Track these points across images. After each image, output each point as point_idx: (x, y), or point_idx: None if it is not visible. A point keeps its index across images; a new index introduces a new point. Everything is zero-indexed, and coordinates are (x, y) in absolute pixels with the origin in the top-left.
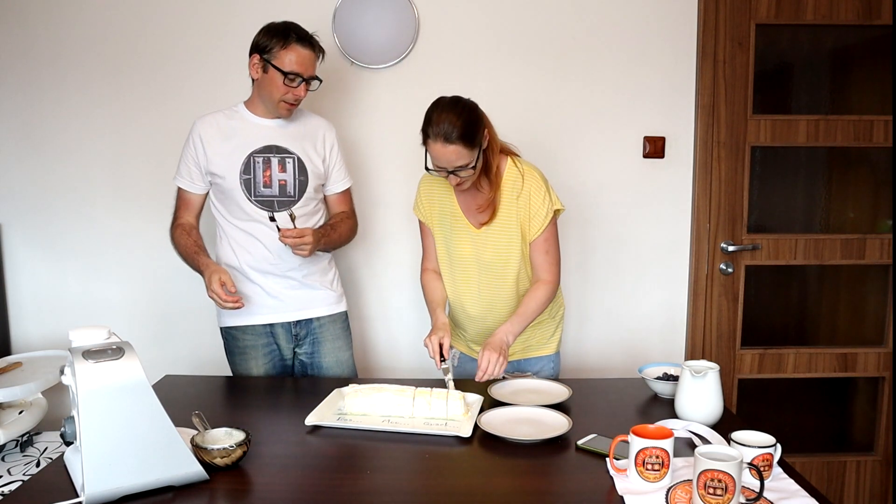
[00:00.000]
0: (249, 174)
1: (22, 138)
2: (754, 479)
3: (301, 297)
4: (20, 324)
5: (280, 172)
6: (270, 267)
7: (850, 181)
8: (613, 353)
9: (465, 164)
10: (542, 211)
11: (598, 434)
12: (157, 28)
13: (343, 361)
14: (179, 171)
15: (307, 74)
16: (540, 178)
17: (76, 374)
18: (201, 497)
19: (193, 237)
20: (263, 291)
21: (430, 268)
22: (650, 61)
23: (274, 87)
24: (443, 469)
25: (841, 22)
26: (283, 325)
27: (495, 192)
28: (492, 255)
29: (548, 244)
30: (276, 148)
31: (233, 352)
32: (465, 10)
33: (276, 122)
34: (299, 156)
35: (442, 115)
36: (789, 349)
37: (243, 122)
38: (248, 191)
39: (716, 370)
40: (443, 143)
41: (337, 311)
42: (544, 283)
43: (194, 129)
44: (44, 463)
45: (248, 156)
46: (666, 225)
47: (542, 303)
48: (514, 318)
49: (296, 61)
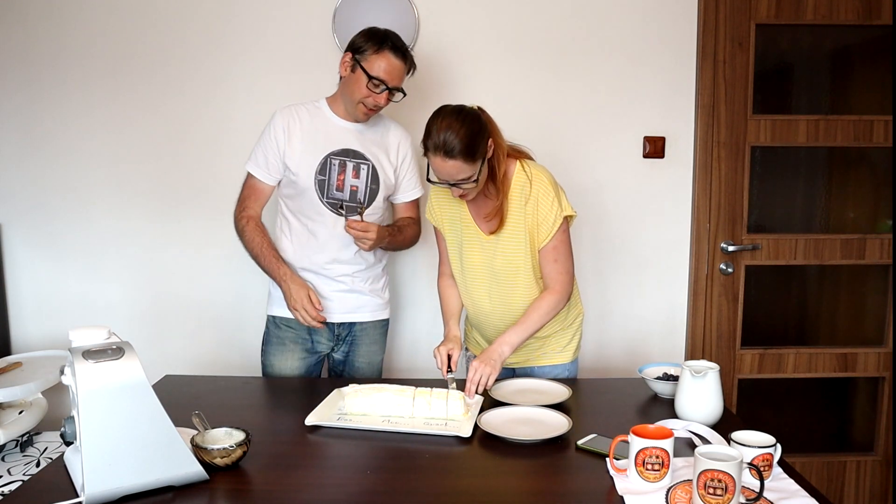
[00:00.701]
0: (325, 175)
1: (22, 138)
2: (754, 479)
3: (349, 300)
4: (20, 324)
5: (353, 178)
6: (325, 270)
7: (850, 181)
8: (613, 353)
9: (466, 177)
10: (549, 217)
11: (598, 434)
12: (156, 28)
13: (374, 364)
14: (255, 157)
15: (392, 84)
16: (549, 183)
17: (76, 374)
18: (201, 497)
19: (268, 239)
20: (314, 290)
21: (446, 272)
22: (650, 61)
23: (357, 88)
24: (443, 469)
25: (841, 22)
26: (327, 325)
27: (503, 199)
28: (502, 263)
29: (557, 252)
30: (354, 152)
31: (271, 342)
32: (465, 10)
33: (356, 126)
34: (374, 164)
35: (442, 127)
36: (789, 349)
37: (325, 120)
38: (321, 191)
39: (716, 370)
40: (443, 157)
41: (380, 318)
42: (552, 293)
43: (277, 120)
44: (44, 463)
45: (326, 157)
46: (666, 225)
47: (547, 314)
48: (515, 329)
49: (384, 68)
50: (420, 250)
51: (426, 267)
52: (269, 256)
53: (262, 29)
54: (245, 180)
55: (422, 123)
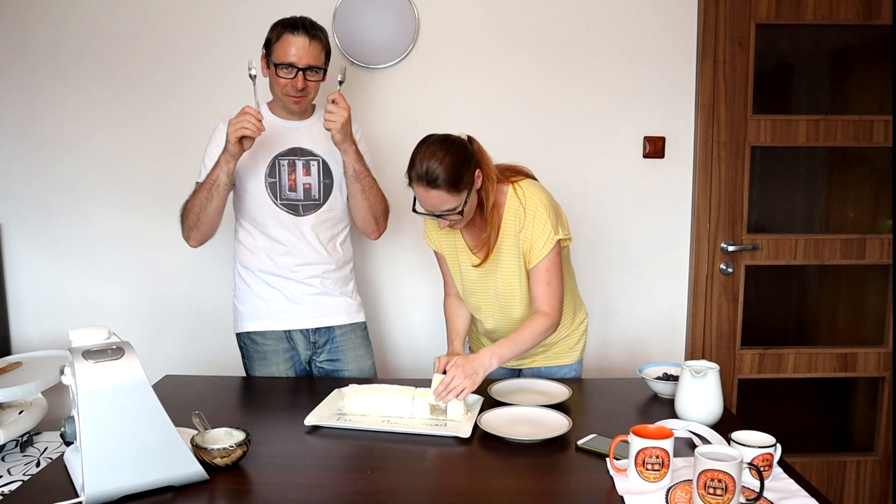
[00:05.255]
0: (275, 178)
1: (22, 138)
2: (754, 479)
3: (321, 303)
4: (20, 324)
5: (305, 176)
6: (293, 273)
7: (850, 181)
8: (613, 353)
9: (451, 208)
10: (541, 238)
11: (598, 434)
12: (157, 28)
13: (366, 369)
14: (202, 173)
15: (302, 64)
16: (542, 206)
17: (76, 374)
18: (201, 497)
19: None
20: (283, 296)
21: (451, 293)
22: (650, 61)
23: (275, 82)
24: (443, 469)
25: (841, 22)
26: (301, 332)
27: (490, 231)
28: (500, 286)
29: (549, 274)
30: (301, 150)
31: (252, 357)
32: (465, 10)
33: (299, 123)
34: (324, 158)
35: (426, 155)
36: (789, 349)
37: (267, 124)
38: (273, 194)
39: (716, 370)
40: (425, 186)
41: (357, 320)
42: (544, 316)
43: (220, 130)
44: (44, 463)
45: (273, 159)
46: (666, 225)
47: (540, 335)
48: (507, 343)
49: (288, 51)
50: (420, 250)
51: (424, 267)
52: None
53: (262, 29)
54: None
55: (422, 123)
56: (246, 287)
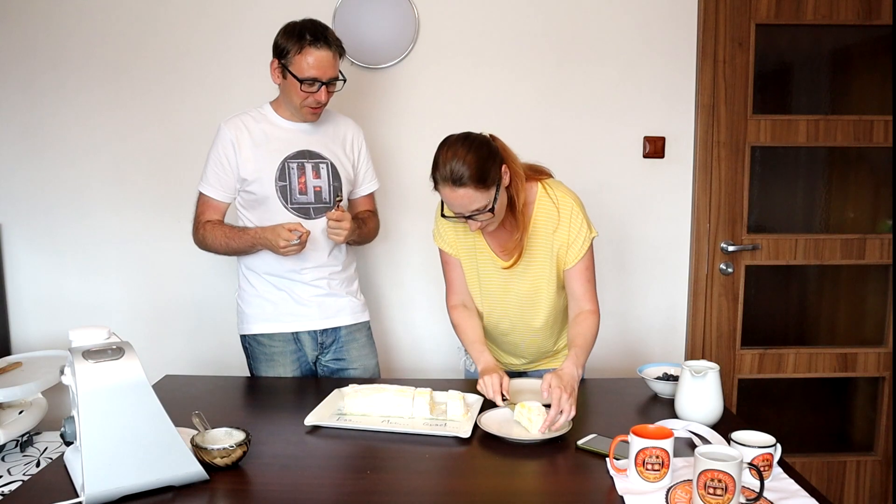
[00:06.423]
0: (285, 181)
1: (22, 139)
2: (754, 479)
3: (328, 304)
4: (20, 324)
5: (315, 179)
6: (300, 276)
7: (850, 181)
8: (613, 353)
9: (481, 207)
10: (579, 240)
11: (598, 434)
12: (157, 29)
13: (370, 369)
14: (207, 178)
15: (325, 77)
16: (577, 205)
17: (76, 374)
18: (201, 497)
19: (227, 225)
20: (291, 299)
21: (458, 304)
22: (650, 61)
23: (294, 93)
24: (442, 469)
25: (841, 22)
26: (309, 333)
27: (522, 233)
28: (525, 288)
29: (589, 272)
30: (310, 153)
31: (258, 359)
32: (465, 10)
33: (306, 126)
34: (332, 161)
35: (448, 156)
36: (789, 349)
37: (273, 126)
38: (284, 198)
39: (716, 370)
40: (452, 186)
41: (362, 320)
42: (592, 314)
43: (223, 133)
44: (44, 463)
45: (283, 161)
46: (666, 225)
47: (596, 333)
48: (579, 350)
49: (312, 65)
50: (420, 251)
51: (425, 267)
52: (233, 233)
53: (262, 29)
54: (198, 201)
55: (422, 123)
56: (251, 289)
